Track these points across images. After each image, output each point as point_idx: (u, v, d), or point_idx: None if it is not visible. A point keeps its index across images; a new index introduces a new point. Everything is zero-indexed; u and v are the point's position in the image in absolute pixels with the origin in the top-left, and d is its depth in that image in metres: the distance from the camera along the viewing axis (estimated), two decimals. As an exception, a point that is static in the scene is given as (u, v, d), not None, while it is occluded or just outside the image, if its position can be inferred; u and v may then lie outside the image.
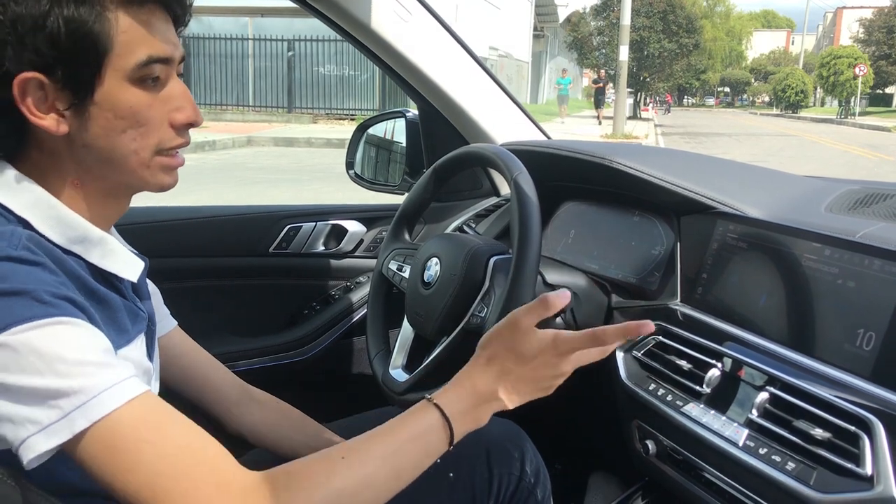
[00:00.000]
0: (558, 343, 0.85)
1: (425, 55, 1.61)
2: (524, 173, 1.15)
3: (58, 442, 0.68)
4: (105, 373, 0.70)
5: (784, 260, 1.04)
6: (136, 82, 0.78)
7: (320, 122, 17.18)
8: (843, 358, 0.91)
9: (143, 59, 0.77)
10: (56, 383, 0.67)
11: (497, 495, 1.11)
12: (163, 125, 0.81)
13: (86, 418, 0.68)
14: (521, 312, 0.87)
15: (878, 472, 0.80)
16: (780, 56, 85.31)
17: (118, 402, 0.70)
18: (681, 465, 1.11)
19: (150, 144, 0.81)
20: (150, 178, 0.83)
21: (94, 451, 0.69)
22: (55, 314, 0.69)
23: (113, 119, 0.78)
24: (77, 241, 0.80)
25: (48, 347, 0.68)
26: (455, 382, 0.88)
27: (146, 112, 0.79)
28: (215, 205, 1.85)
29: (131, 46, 0.77)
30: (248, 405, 1.18)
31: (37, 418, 0.67)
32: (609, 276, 1.39)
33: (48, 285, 0.70)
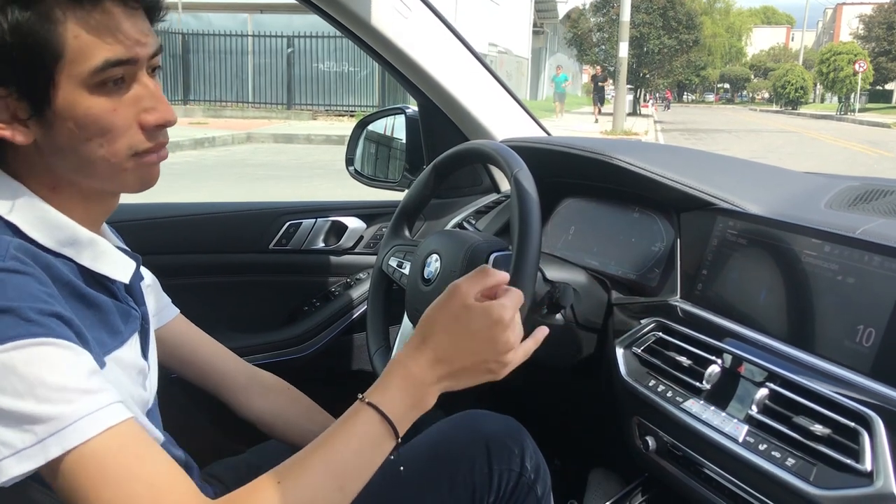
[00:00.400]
0: (493, 309, 0.84)
1: (425, 51, 1.61)
2: (524, 170, 1.15)
3: (30, 467, 0.67)
4: (85, 399, 0.69)
5: (784, 256, 1.04)
6: (94, 88, 0.74)
7: (320, 118, 17.18)
8: (842, 354, 0.92)
9: (98, 63, 0.73)
10: (33, 408, 0.67)
11: (497, 491, 1.11)
12: (131, 129, 0.77)
13: (59, 446, 0.67)
14: (460, 282, 0.86)
15: (878, 467, 0.81)
16: (779, 52, 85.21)
17: (94, 430, 0.69)
18: (681, 462, 1.11)
19: (121, 150, 0.77)
20: (126, 181, 0.80)
21: (63, 478, 0.69)
22: (40, 334, 0.68)
23: (75, 128, 0.74)
24: (67, 243, 0.79)
25: (29, 370, 0.67)
26: (389, 373, 0.84)
27: (109, 118, 0.75)
28: (215, 201, 1.85)
29: (86, 51, 0.72)
30: (256, 390, 1.18)
31: (11, 441, 0.67)
32: (609, 273, 1.39)
33: (36, 300, 0.69)
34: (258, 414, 1.18)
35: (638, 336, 1.19)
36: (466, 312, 0.84)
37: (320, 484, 0.77)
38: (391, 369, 0.84)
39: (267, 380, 1.22)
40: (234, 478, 1.18)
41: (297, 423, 1.20)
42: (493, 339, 0.84)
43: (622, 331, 1.23)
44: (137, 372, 0.87)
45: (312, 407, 1.23)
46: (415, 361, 0.84)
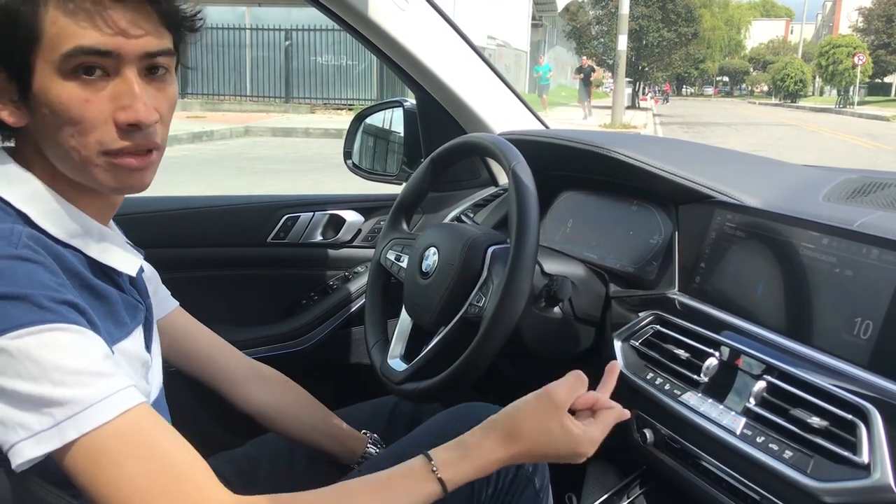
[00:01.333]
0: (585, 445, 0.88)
1: (423, 45, 1.61)
2: (522, 163, 1.15)
3: (47, 450, 0.68)
4: (100, 383, 0.70)
5: (782, 249, 1.04)
6: (67, 75, 0.73)
7: (318, 111, 17.14)
8: (840, 347, 0.92)
9: (69, 48, 0.71)
10: (50, 391, 0.67)
11: (496, 483, 1.11)
12: (105, 124, 0.75)
13: (76, 429, 0.68)
14: (557, 391, 0.88)
15: (875, 460, 0.81)
16: (778, 45, 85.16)
17: (110, 414, 0.69)
18: (679, 454, 1.11)
19: (90, 143, 0.75)
20: (98, 178, 0.78)
21: (80, 461, 0.69)
22: (53, 320, 0.68)
23: (49, 114, 0.74)
24: (77, 234, 0.80)
25: (45, 354, 0.67)
26: (468, 452, 0.86)
27: (80, 108, 0.73)
28: (213, 195, 1.85)
29: (61, 35, 0.71)
30: (256, 383, 1.19)
31: (28, 424, 0.67)
32: (607, 266, 1.39)
33: (48, 289, 0.70)
34: (257, 407, 1.18)
35: (636, 329, 1.19)
36: (559, 431, 0.87)
37: None
38: (470, 450, 0.86)
39: (266, 373, 1.22)
40: (233, 471, 1.18)
41: (297, 416, 1.20)
42: (574, 452, 0.89)
43: (620, 324, 1.23)
44: (141, 364, 0.87)
45: (311, 400, 1.24)
46: (492, 452, 0.86)
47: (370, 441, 1.25)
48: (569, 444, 0.87)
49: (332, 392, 1.46)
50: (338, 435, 1.23)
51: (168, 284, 1.15)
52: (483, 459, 0.86)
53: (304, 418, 1.21)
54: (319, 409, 1.24)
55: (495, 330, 1.07)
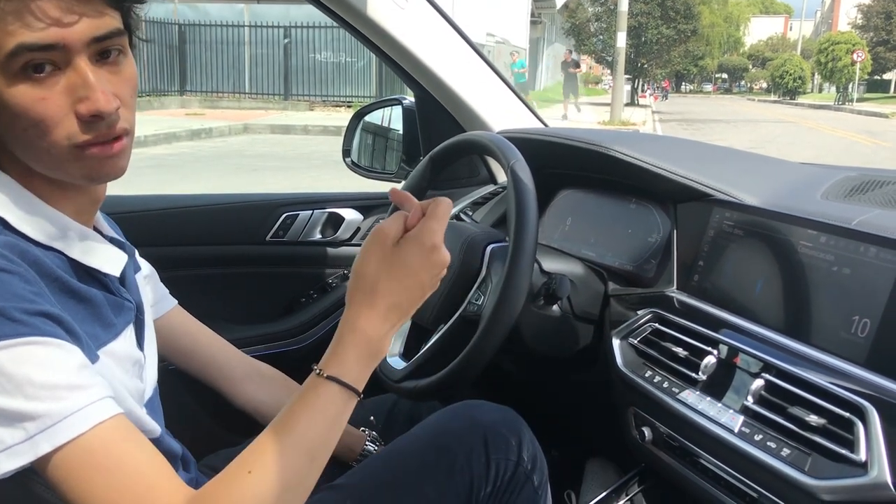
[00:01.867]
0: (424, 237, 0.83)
1: (422, 42, 1.61)
2: (521, 161, 1.15)
3: (20, 463, 0.68)
4: (74, 396, 0.69)
5: (780, 247, 1.04)
6: (16, 76, 0.70)
7: (317, 109, 17.13)
8: (838, 345, 0.92)
9: (10, 48, 0.68)
10: (23, 405, 0.67)
11: (495, 481, 1.12)
12: (66, 118, 0.72)
13: (49, 442, 0.68)
14: (382, 225, 0.84)
15: (872, 457, 0.81)
16: (777, 42, 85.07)
17: (83, 427, 0.69)
18: (677, 452, 1.11)
19: (59, 140, 0.73)
20: (73, 173, 0.76)
21: (54, 473, 0.69)
22: (27, 333, 0.68)
23: (9, 118, 0.72)
24: (57, 236, 0.79)
25: (17, 369, 0.67)
26: (343, 341, 0.82)
27: (38, 108, 0.71)
28: (211, 193, 1.85)
29: (2, 37, 0.68)
30: (255, 381, 1.19)
31: (1, 438, 0.67)
32: (606, 264, 1.39)
33: (21, 300, 0.69)
34: (256, 404, 1.19)
35: (634, 327, 1.20)
36: (399, 251, 0.83)
37: (292, 464, 0.76)
38: (344, 336, 0.82)
39: (265, 371, 1.22)
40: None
41: None
42: (431, 264, 0.84)
43: (619, 322, 1.24)
44: (133, 363, 0.87)
45: None
46: (367, 320, 0.82)
47: (368, 438, 1.25)
48: (421, 256, 0.83)
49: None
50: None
51: (168, 283, 1.15)
52: (364, 337, 0.82)
53: None
54: None
55: (494, 328, 1.08)
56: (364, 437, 1.25)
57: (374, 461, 1.15)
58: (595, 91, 46.61)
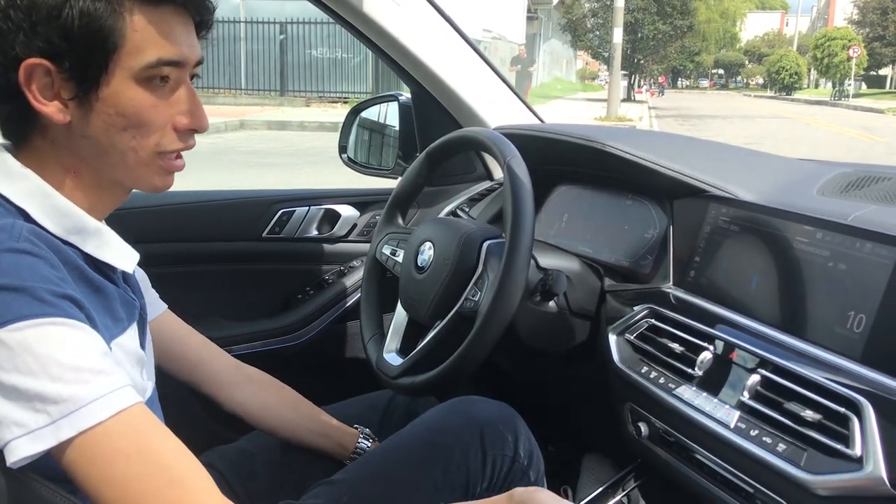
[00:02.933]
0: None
1: (418, 38, 1.61)
2: (517, 157, 1.15)
3: (42, 447, 0.68)
4: (98, 381, 0.70)
5: (776, 243, 1.04)
6: (142, 82, 0.78)
7: (313, 105, 17.10)
8: (833, 340, 0.92)
9: (152, 60, 0.77)
10: (47, 387, 0.67)
11: (491, 476, 1.12)
12: (165, 127, 0.81)
13: (72, 427, 0.68)
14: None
15: (867, 452, 0.81)
16: (774, 38, 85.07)
17: (107, 413, 0.69)
18: (673, 447, 1.11)
19: (149, 145, 0.81)
20: (144, 177, 0.84)
21: (75, 459, 0.69)
22: (54, 314, 0.68)
23: (114, 115, 0.78)
24: (74, 231, 0.80)
25: (43, 349, 0.67)
26: None
27: (148, 113, 0.79)
28: (207, 189, 1.85)
29: (142, 46, 0.77)
30: (242, 384, 1.19)
31: (24, 421, 0.67)
32: (602, 260, 1.39)
33: (48, 282, 0.70)
34: (244, 408, 1.18)
35: (630, 323, 1.20)
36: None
37: None
38: None
39: (252, 374, 1.22)
40: (228, 465, 1.18)
41: (283, 415, 1.21)
42: None
43: (615, 318, 1.24)
44: (137, 360, 0.88)
45: (298, 398, 1.24)
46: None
47: (361, 435, 1.25)
48: None
49: (327, 386, 1.47)
50: (327, 431, 1.23)
51: (164, 279, 1.15)
52: None
53: (291, 417, 1.21)
54: (307, 406, 1.24)
55: (491, 324, 1.08)
56: (357, 434, 1.25)
57: (370, 457, 1.15)
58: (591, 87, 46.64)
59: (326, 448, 1.23)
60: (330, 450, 1.23)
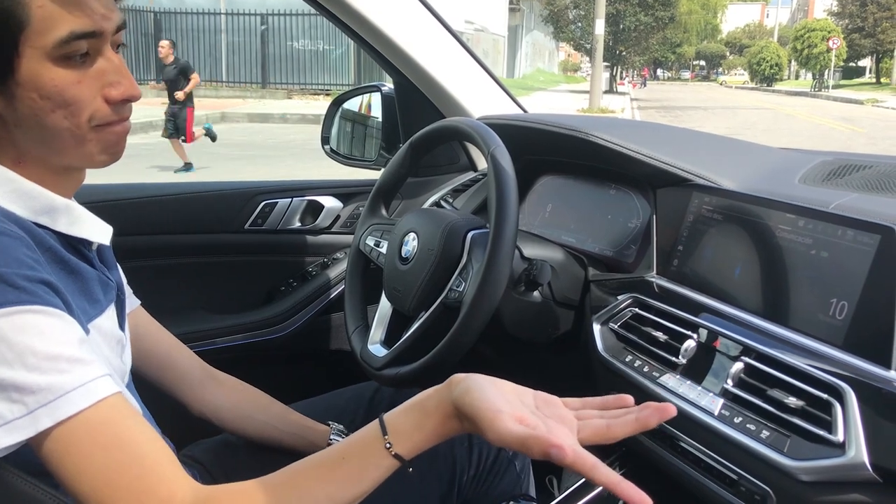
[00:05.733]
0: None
1: (401, 29, 1.60)
2: (501, 147, 1.14)
3: (20, 438, 0.67)
4: (76, 370, 0.69)
5: (759, 231, 1.05)
6: (59, 60, 0.73)
7: (295, 97, 17.03)
8: (816, 327, 0.93)
9: (64, 35, 0.72)
10: (23, 377, 0.66)
11: (477, 466, 1.12)
12: (95, 101, 0.77)
13: (51, 417, 0.67)
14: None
15: (849, 438, 0.82)
16: (754, 29, 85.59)
17: (85, 402, 0.68)
18: (657, 435, 1.12)
19: (83, 121, 0.76)
20: (92, 152, 0.79)
21: (52, 449, 0.68)
22: (29, 301, 0.67)
23: (39, 99, 0.74)
24: (42, 211, 0.78)
25: (19, 338, 0.66)
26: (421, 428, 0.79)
27: (73, 90, 0.75)
28: (189, 181, 1.83)
29: (50, 22, 0.71)
30: (210, 387, 1.16)
31: (1, 413, 0.66)
32: (586, 250, 1.39)
33: (23, 266, 0.69)
34: (213, 409, 1.16)
35: (615, 312, 1.20)
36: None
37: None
38: (427, 420, 0.80)
39: (220, 377, 1.18)
40: (212, 459, 1.18)
41: (252, 416, 1.18)
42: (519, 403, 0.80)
43: (599, 307, 1.24)
44: (116, 342, 0.86)
45: (267, 399, 1.21)
46: (448, 426, 0.80)
47: (333, 432, 1.24)
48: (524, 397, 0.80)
49: (311, 378, 1.46)
50: (298, 431, 1.21)
51: (145, 272, 1.14)
52: (439, 431, 0.79)
53: (262, 418, 1.18)
54: (276, 407, 1.21)
55: (475, 314, 1.08)
56: (329, 431, 1.24)
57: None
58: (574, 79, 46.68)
59: (297, 447, 1.22)
60: (301, 448, 1.22)
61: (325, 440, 1.23)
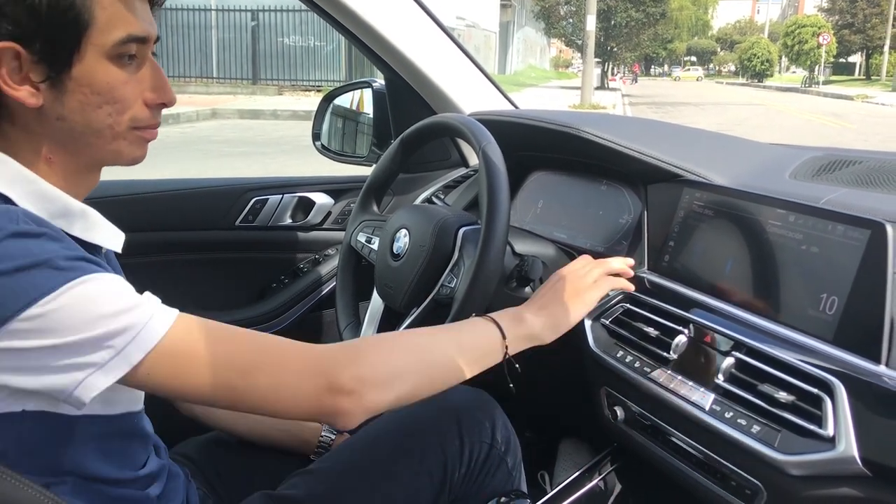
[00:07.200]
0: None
1: (392, 24, 1.60)
2: (492, 143, 1.14)
3: (117, 377, 0.72)
4: (143, 307, 0.75)
5: (749, 226, 1.05)
6: (113, 59, 0.78)
7: (286, 93, 16.97)
8: (806, 322, 0.93)
9: (122, 36, 0.77)
10: (102, 331, 0.71)
11: (469, 463, 1.12)
12: (137, 103, 0.82)
13: (140, 350, 0.73)
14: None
15: (840, 432, 0.82)
16: (745, 25, 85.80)
17: (166, 325, 0.75)
18: (649, 431, 1.12)
19: (124, 121, 0.81)
20: (123, 151, 0.84)
21: (158, 371, 0.75)
22: (78, 275, 0.71)
23: (89, 94, 0.78)
24: (59, 215, 0.80)
25: (84, 307, 0.70)
26: (526, 337, 1.04)
27: (122, 89, 0.80)
28: (180, 178, 1.82)
29: (111, 23, 0.77)
30: None
31: (92, 361, 0.71)
32: (577, 246, 1.39)
33: (61, 249, 0.72)
34: (203, 409, 1.16)
35: (606, 307, 1.20)
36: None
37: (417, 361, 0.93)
38: (524, 325, 1.05)
39: None
40: (203, 456, 1.17)
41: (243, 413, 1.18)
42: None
43: (591, 303, 1.24)
44: None
45: None
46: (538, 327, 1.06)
47: (325, 429, 1.24)
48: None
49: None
50: (289, 428, 1.22)
51: (135, 269, 1.13)
52: (532, 334, 1.05)
53: (250, 416, 1.19)
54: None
55: (467, 310, 1.08)
56: (320, 428, 1.24)
57: (347, 446, 1.15)
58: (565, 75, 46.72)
59: (289, 444, 1.22)
60: (293, 446, 1.22)
61: (317, 436, 1.23)
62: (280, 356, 0.83)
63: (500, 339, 0.99)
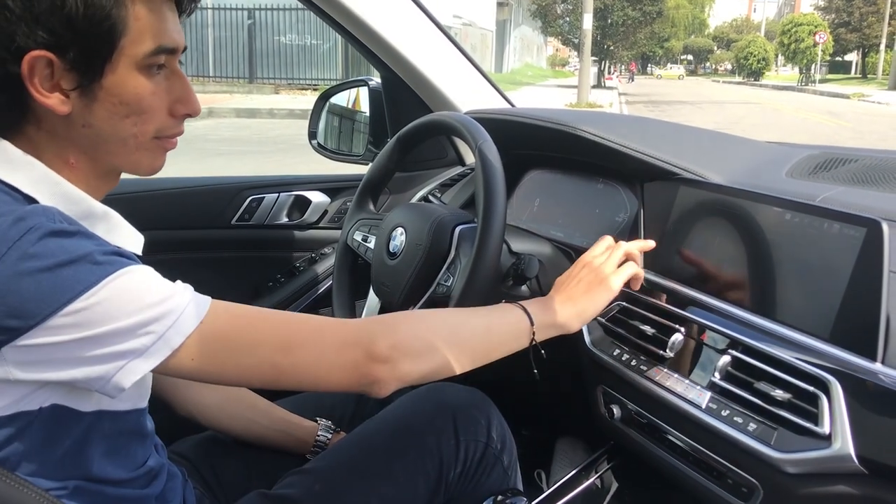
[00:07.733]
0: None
1: (388, 23, 1.59)
2: (489, 142, 1.14)
3: (157, 361, 0.74)
4: (179, 293, 0.76)
5: (746, 225, 1.05)
6: (143, 70, 0.79)
7: (282, 92, 16.94)
8: (802, 320, 0.93)
9: (153, 47, 0.78)
10: (142, 318, 0.72)
11: (464, 462, 1.12)
12: (162, 113, 0.83)
13: (180, 334, 0.75)
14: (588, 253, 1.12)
15: (835, 430, 0.82)
16: (742, 24, 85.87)
17: (203, 310, 0.77)
18: (645, 429, 1.12)
19: (150, 130, 0.83)
20: (144, 161, 0.85)
21: (199, 355, 0.76)
22: (115, 269, 0.72)
23: (118, 104, 0.79)
24: (83, 217, 0.80)
25: (124, 298, 0.72)
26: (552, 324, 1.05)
27: (150, 100, 0.81)
28: (176, 176, 1.82)
29: (143, 34, 0.78)
30: (195, 385, 1.16)
31: (133, 348, 0.72)
32: (574, 244, 1.39)
33: (96, 245, 0.73)
34: (200, 408, 1.16)
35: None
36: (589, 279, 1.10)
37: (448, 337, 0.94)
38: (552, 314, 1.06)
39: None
40: (200, 455, 1.17)
41: (241, 413, 1.19)
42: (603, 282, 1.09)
43: (587, 301, 1.24)
44: None
45: (253, 397, 1.21)
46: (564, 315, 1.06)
47: (321, 428, 1.24)
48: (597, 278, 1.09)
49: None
50: (284, 427, 1.22)
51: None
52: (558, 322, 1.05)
53: (246, 415, 1.19)
54: (261, 403, 1.22)
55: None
56: (316, 427, 1.24)
57: (343, 445, 1.15)
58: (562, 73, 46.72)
59: (285, 444, 1.21)
60: (289, 445, 1.22)
61: (313, 436, 1.23)
62: (318, 331, 0.85)
63: (529, 325, 1.00)
